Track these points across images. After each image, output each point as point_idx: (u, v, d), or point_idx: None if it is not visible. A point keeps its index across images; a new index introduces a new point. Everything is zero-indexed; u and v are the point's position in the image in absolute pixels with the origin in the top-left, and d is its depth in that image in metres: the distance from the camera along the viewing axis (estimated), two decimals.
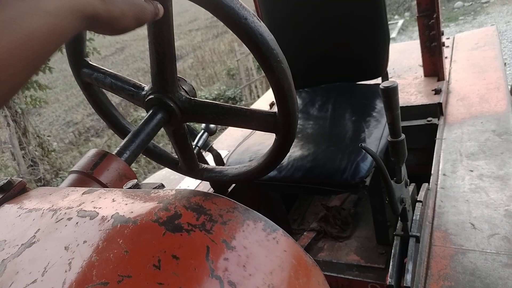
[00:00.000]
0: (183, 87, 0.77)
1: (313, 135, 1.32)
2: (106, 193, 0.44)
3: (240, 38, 0.62)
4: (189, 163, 0.92)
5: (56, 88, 12.38)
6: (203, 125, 1.16)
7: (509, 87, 3.53)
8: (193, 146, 1.08)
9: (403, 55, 2.21)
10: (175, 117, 0.75)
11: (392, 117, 0.81)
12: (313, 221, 1.69)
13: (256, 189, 1.71)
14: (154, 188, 0.49)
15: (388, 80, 1.54)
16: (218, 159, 1.47)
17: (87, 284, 0.31)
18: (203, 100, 0.75)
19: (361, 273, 1.37)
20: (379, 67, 1.46)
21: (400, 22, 8.17)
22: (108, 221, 0.37)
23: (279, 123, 0.71)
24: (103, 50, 13.50)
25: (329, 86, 1.56)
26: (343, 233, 1.57)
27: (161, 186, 0.53)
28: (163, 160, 0.97)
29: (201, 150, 1.26)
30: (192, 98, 0.76)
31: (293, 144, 1.31)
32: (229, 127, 2.18)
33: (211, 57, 10.76)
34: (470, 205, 1.05)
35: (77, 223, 0.39)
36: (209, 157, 1.52)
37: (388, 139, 0.85)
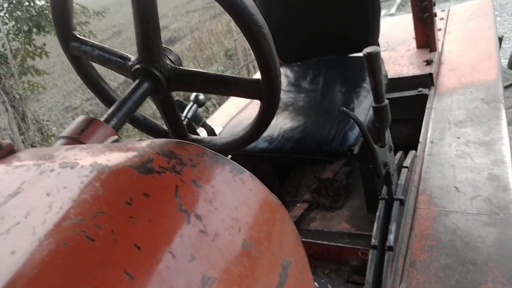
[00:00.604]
0: (169, 56, 0.79)
1: (304, 107, 1.34)
2: (87, 148, 0.47)
3: (220, 4, 0.63)
4: (178, 134, 0.94)
5: (54, 74, 12.32)
6: (192, 96, 1.18)
7: (507, 60, 3.50)
8: (183, 118, 1.10)
9: (398, 28, 2.21)
10: (161, 86, 0.77)
11: (375, 82, 0.83)
12: (306, 193, 1.73)
13: (249, 163, 1.74)
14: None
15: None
16: (211, 134, 1.49)
17: (64, 221, 0.34)
18: (188, 68, 0.77)
19: (351, 241, 1.41)
20: (370, 38, 1.46)
21: None
22: (87, 169, 0.40)
23: (262, 89, 0.73)
24: (100, 33, 13.36)
25: (321, 59, 1.57)
26: (335, 204, 1.60)
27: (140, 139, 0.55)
28: (154, 131, 0.99)
29: (192, 122, 1.28)
30: (178, 67, 0.77)
31: (285, 116, 1.34)
32: (224, 104, 2.20)
33: (209, 38, 10.65)
34: (455, 170, 1.07)
35: (59, 173, 0.41)
36: (203, 133, 1.54)
37: (372, 105, 0.87)
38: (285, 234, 0.41)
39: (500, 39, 3.10)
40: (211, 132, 1.50)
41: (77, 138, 0.65)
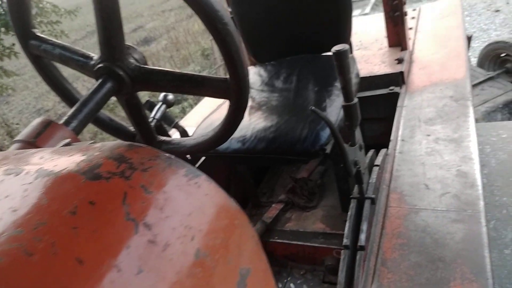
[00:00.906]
0: (133, 55, 0.76)
1: (277, 106, 1.33)
2: (36, 152, 0.44)
3: (184, 0, 0.61)
4: (146, 135, 0.91)
5: (25, 75, 11.90)
6: (161, 96, 1.15)
7: (476, 59, 3.60)
8: (151, 119, 1.07)
9: (371, 27, 2.23)
10: (125, 86, 0.74)
11: (344, 81, 0.83)
12: (281, 193, 1.72)
13: (224, 165, 1.72)
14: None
15: (352, 51, 1.56)
16: (184, 135, 1.46)
17: (2, 234, 0.31)
18: (154, 67, 0.74)
19: (326, 240, 1.41)
20: (343, 37, 1.46)
21: None
22: (32, 175, 0.37)
23: (230, 89, 0.71)
24: (73, 33, 13.02)
25: (294, 58, 1.57)
26: (310, 203, 1.60)
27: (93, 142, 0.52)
28: (120, 133, 0.96)
29: (163, 123, 1.25)
30: (142, 65, 0.75)
31: (258, 116, 1.33)
32: (198, 104, 2.17)
33: (185, 38, 10.53)
34: (425, 167, 1.08)
35: (2, 180, 0.38)
36: (176, 135, 1.51)
37: (342, 104, 0.86)
38: (243, 240, 0.39)
39: (469, 39, 3.18)
40: (183, 133, 1.47)
41: (32, 142, 0.62)
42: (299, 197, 1.64)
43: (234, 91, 0.70)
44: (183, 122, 1.89)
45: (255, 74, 1.57)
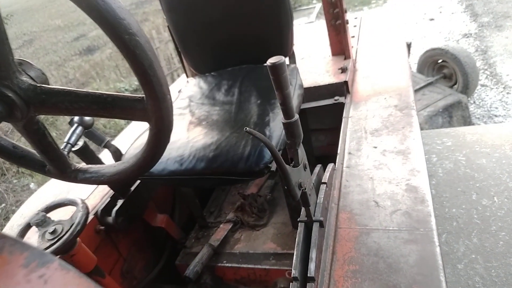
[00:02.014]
0: (28, 72, 0.63)
1: (218, 121, 1.23)
2: None
3: (78, 6, 0.50)
4: (57, 165, 0.77)
5: None
6: (76, 118, 1.01)
7: (416, 65, 3.73)
8: (64, 144, 0.92)
9: (315, 35, 2.21)
10: (18, 110, 0.60)
11: (282, 96, 0.74)
12: (230, 211, 1.62)
13: (165, 186, 1.59)
14: None
15: (295, 60, 1.50)
16: (116, 155, 1.31)
17: None
18: (53, 86, 0.62)
19: (277, 261, 1.33)
20: (284, 47, 1.40)
21: (318, 6, 8.36)
22: None
23: (148, 109, 0.60)
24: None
25: (236, 69, 1.48)
26: (260, 221, 1.51)
27: None
28: (27, 162, 0.80)
29: (86, 144, 1.10)
30: (39, 85, 0.62)
31: (197, 132, 1.21)
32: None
33: None
34: (374, 182, 1.03)
35: None
36: (107, 155, 1.36)
37: (282, 121, 0.78)
38: None
39: (409, 46, 3.29)
40: (116, 152, 1.32)
41: None
42: (248, 215, 1.55)
43: (153, 112, 0.60)
44: (118, 139, 1.73)
45: (194, 86, 1.46)
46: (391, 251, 0.82)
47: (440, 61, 3.74)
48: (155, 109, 0.60)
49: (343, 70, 1.58)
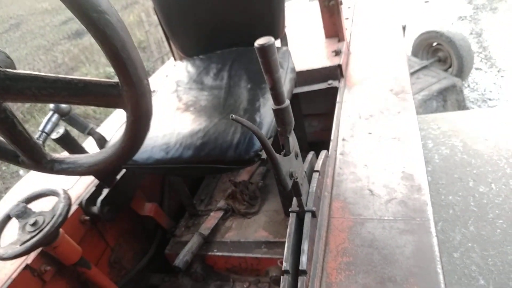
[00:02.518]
0: None
1: (206, 107, 1.17)
2: None
3: None
4: (31, 155, 0.72)
5: None
6: (52, 105, 0.95)
7: (410, 48, 3.68)
8: (39, 133, 0.87)
9: (307, 17, 2.13)
10: None
11: (272, 81, 0.69)
12: (221, 199, 1.58)
13: (153, 174, 1.54)
14: None
15: (286, 43, 1.44)
16: (101, 142, 1.26)
17: None
18: (19, 71, 0.56)
19: (269, 250, 1.30)
20: (276, 28, 1.34)
21: None
22: None
23: (124, 95, 0.55)
24: None
25: (225, 52, 1.42)
26: (251, 209, 1.48)
27: None
28: None
29: (67, 132, 1.05)
30: (3, 69, 0.56)
31: (185, 118, 1.16)
32: None
33: None
34: (369, 169, 0.99)
35: None
36: (91, 143, 1.30)
37: (272, 107, 0.73)
38: None
39: (404, 28, 3.23)
40: (100, 140, 1.27)
41: None
42: (239, 203, 1.51)
43: (129, 98, 0.54)
44: (104, 126, 1.68)
45: (182, 70, 1.40)
46: (386, 241, 0.79)
47: (435, 44, 3.69)
48: (130, 95, 0.54)
49: (337, 53, 1.52)
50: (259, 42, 0.64)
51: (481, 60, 4.11)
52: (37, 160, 0.73)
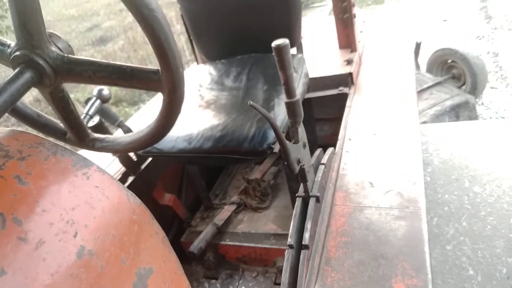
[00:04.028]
0: (56, 43, 0.70)
1: (226, 105, 1.29)
2: None
3: None
4: (77, 133, 0.84)
5: None
6: (95, 91, 1.08)
7: (426, 65, 3.74)
8: (84, 115, 1.00)
9: (323, 29, 2.26)
10: (47, 77, 0.67)
11: (285, 76, 0.80)
12: (234, 194, 1.69)
13: (174, 166, 1.66)
14: None
15: (302, 51, 1.56)
16: None
17: None
18: (79, 57, 0.69)
19: (277, 241, 1.40)
20: (292, 37, 1.46)
21: (331, 4, 8.38)
22: None
23: (163, 80, 0.67)
24: None
25: (245, 57, 1.54)
26: (262, 204, 1.58)
27: None
28: (50, 130, 0.88)
29: (106, 121, 1.18)
30: (66, 55, 0.69)
31: (206, 114, 1.29)
32: (150, 101, 2.09)
33: (143, 38, 10.26)
34: (371, 166, 1.09)
35: None
36: (120, 134, 1.43)
37: (284, 101, 0.84)
38: (144, 238, 0.35)
39: (419, 45, 3.31)
40: (128, 132, 1.40)
41: None
42: (251, 198, 1.62)
43: (167, 83, 0.66)
44: (131, 121, 1.81)
45: (204, 72, 1.53)
46: (381, 225, 0.88)
47: (449, 61, 3.76)
48: (168, 81, 0.66)
49: (349, 62, 1.63)
50: (275, 43, 0.76)
51: (497, 79, 4.15)
52: (82, 137, 0.85)
